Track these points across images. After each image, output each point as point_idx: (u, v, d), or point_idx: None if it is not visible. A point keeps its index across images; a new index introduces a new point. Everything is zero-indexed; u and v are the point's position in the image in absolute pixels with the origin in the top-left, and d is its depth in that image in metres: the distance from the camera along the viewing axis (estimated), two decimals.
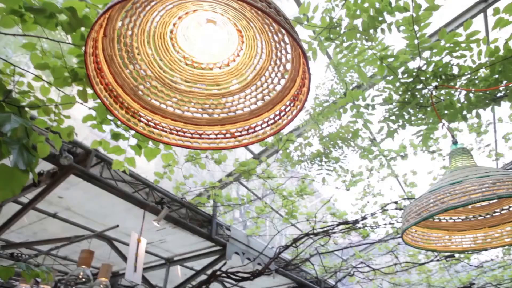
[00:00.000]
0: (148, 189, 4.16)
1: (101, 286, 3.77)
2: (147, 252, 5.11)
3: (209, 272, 5.13)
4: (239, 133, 1.20)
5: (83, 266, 3.74)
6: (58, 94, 2.19)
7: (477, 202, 1.39)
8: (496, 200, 1.80)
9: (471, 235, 1.88)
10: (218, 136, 1.21)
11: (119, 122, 2.46)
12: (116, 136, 2.50)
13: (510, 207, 1.79)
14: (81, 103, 2.17)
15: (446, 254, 6.13)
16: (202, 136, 1.21)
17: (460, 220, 1.91)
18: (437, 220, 1.93)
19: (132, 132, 2.51)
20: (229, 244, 4.95)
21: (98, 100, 2.24)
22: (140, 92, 1.19)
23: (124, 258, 4.55)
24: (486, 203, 1.83)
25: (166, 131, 1.21)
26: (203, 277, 5.29)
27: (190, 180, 4.38)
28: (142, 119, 1.20)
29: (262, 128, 1.18)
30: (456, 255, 6.55)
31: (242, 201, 5.00)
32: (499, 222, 1.82)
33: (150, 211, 4.06)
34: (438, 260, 6.49)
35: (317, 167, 3.87)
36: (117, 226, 4.35)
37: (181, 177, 4.26)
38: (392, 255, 6.50)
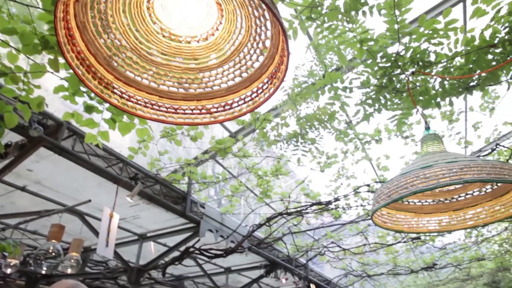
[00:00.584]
0: (121, 164, 4.10)
1: (72, 260, 3.73)
2: (120, 227, 5.07)
3: (182, 248, 5.17)
4: (215, 109, 1.18)
5: (53, 241, 3.68)
6: (27, 62, 2.09)
7: (445, 186, 1.44)
8: (462, 185, 1.88)
9: (436, 218, 1.96)
10: (194, 111, 1.19)
11: (92, 95, 2.38)
12: (89, 108, 2.43)
13: (474, 192, 1.87)
14: (52, 73, 2.08)
15: (413, 235, 6.40)
16: (178, 111, 1.19)
17: (427, 203, 1.99)
18: (406, 203, 1.99)
19: (106, 105, 2.44)
20: (203, 221, 4.97)
21: (71, 71, 2.15)
22: (115, 63, 1.14)
23: (96, 233, 4.50)
24: (452, 187, 1.90)
25: (140, 104, 1.18)
26: (176, 253, 5.33)
27: (165, 156, 4.34)
28: (115, 91, 1.16)
29: (238, 105, 1.17)
30: (422, 237, 6.84)
31: (217, 179, 5.00)
32: (463, 206, 1.90)
33: (123, 187, 4.01)
34: (405, 242, 6.76)
35: (293, 148, 3.90)
36: (89, 200, 4.29)
37: (156, 153, 4.21)
38: (362, 236, 6.73)
